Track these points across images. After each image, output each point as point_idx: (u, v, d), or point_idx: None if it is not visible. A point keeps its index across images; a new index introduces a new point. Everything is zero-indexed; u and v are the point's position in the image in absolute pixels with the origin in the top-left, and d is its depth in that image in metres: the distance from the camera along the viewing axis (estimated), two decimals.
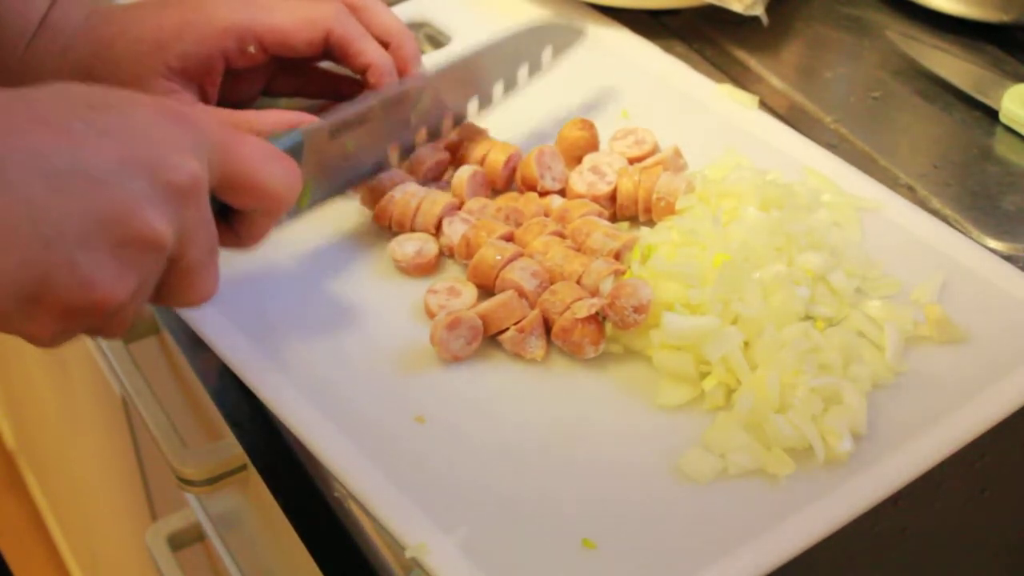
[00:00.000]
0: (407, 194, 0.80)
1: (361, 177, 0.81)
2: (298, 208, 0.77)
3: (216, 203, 0.66)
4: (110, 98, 0.62)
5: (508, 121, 0.90)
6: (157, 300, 0.66)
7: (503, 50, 0.85)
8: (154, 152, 0.61)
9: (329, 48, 0.82)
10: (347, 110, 0.77)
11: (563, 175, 0.83)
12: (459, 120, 0.85)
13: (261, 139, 0.68)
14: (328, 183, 0.79)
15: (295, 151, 0.74)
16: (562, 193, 0.83)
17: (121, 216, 0.59)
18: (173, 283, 0.65)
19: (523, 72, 0.87)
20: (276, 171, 0.67)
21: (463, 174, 0.82)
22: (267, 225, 0.70)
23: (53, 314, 0.59)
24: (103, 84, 0.77)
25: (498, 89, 0.86)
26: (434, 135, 0.83)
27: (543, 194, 0.83)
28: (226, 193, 0.66)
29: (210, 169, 0.64)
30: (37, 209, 0.57)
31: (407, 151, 0.82)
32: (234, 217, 0.69)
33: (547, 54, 0.88)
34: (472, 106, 0.85)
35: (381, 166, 0.81)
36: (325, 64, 0.89)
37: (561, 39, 0.90)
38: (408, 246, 0.79)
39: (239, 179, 0.66)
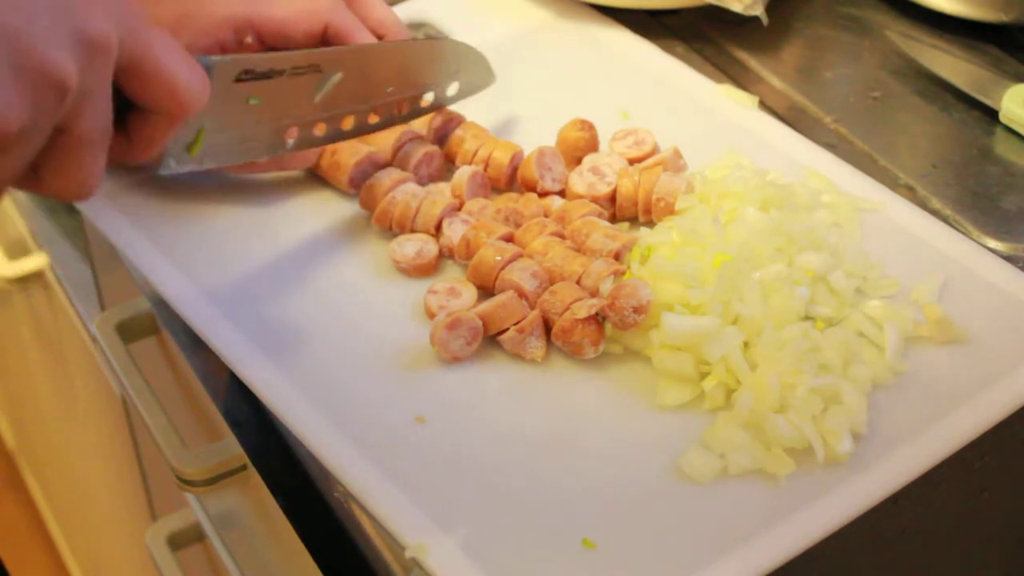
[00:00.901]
0: (408, 195, 0.80)
1: (255, 153, 0.79)
2: (188, 155, 0.73)
3: (114, 100, 0.63)
4: None
5: (508, 121, 0.90)
6: (37, 183, 0.63)
7: (418, 57, 0.83)
8: (70, 1, 0.59)
9: (326, 40, 0.82)
10: (256, 57, 0.75)
11: (563, 176, 0.83)
12: (360, 126, 0.83)
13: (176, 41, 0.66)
14: (223, 140, 0.76)
15: None
16: (562, 194, 0.83)
17: (26, 43, 0.57)
18: (59, 157, 0.62)
19: (428, 96, 0.85)
20: (187, 70, 0.64)
21: (463, 175, 0.82)
22: (163, 131, 0.66)
23: None
24: None
25: (403, 105, 0.84)
26: (334, 134, 0.81)
27: (543, 195, 0.83)
28: (131, 78, 0.63)
29: (121, 46, 0.61)
30: None
31: (304, 139, 0.80)
32: (129, 120, 0.66)
33: (453, 88, 0.86)
34: (373, 116, 0.83)
35: (276, 147, 0.79)
36: None
37: (473, 76, 0.88)
38: (408, 247, 0.79)
39: (149, 65, 0.63)
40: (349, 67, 0.79)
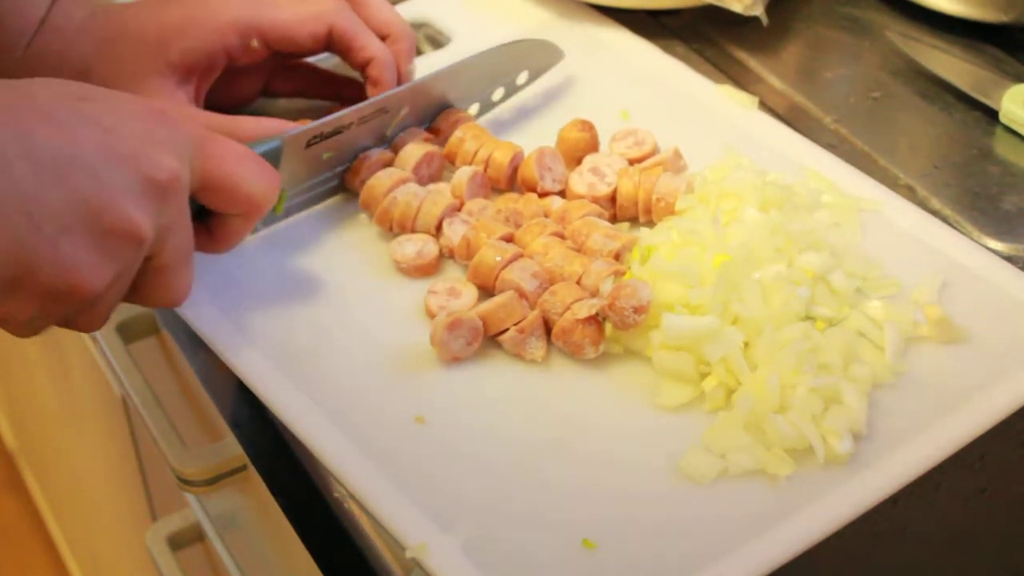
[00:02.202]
0: (408, 195, 0.80)
1: (336, 189, 0.83)
2: (273, 215, 0.78)
3: (193, 205, 0.67)
4: (97, 92, 0.63)
5: (508, 121, 0.90)
6: (134, 298, 0.66)
7: (478, 67, 0.87)
8: (137, 147, 0.61)
9: (331, 43, 0.82)
10: (324, 122, 0.79)
11: (563, 176, 0.83)
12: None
13: (240, 143, 0.69)
14: (303, 192, 0.80)
15: (273, 157, 0.75)
16: (562, 194, 0.83)
17: (103, 206, 0.59)
18: (149, 281, 0.65)
19: (499, 93, 0.89)
20: (254, 174, 0.68)
21: (463, 175, 0.82)
22: (243, 229, 0.71)
23: (31, 297, 0.60)
24: (102, 83, 0.77)
25: (474, 108, 0.88)
26: None
27: (543, 195, 0.83)
28: (204, 194, 0.67)
29: (190, 170, 0.65)
30: (24, 192, 0.58)
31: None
32: (211, 220, 0.70)
33: (523, 77, 0.90)
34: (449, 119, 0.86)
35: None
36: (325, 64, 0.89)
37: (538, 60, 0.91)
38: (408, 247, 0.79)
39: (218, 181, 0.67)
40: (413, 99, 0.83)
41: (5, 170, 0.57)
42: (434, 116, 0.86)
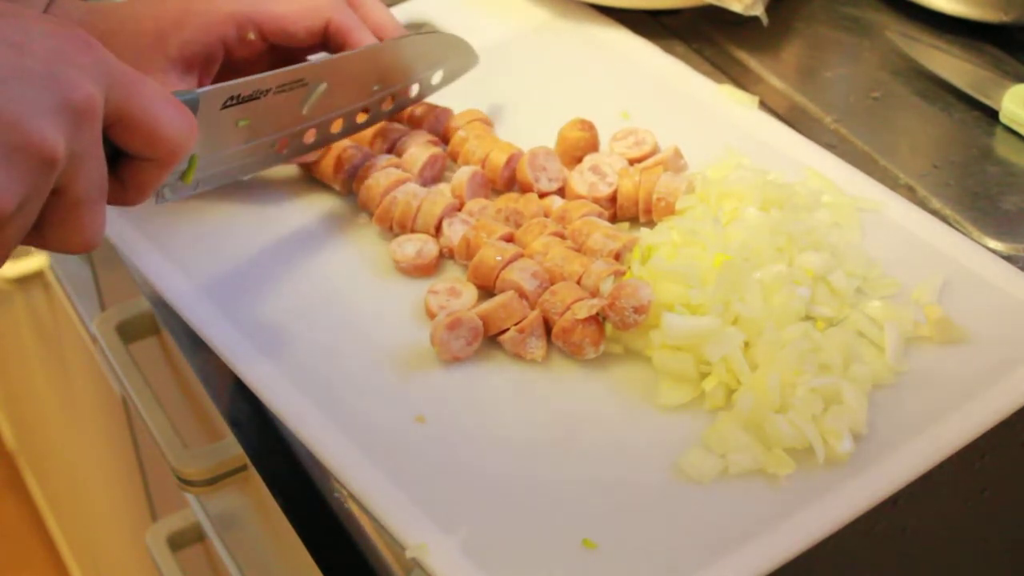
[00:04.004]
0: (408, 195, 0.80)
1: (249, 169, 0.80)
2: (183, 183, 0.75)
3: (106, 149, 0.64)
4: (10, 9, 0.60)
5: (508, 122, 0.90)
6: (40, 240, 0.63)
7: (400, 53, 0.84)
8: (52, 67, 0.59)
9: (328, 38, 0.82)
10: (239, 82, 0.76)
11: (560, 175, 0.83)
12: (349, 127, 0.84)
13: (159, 84, 0.66)
14: (215, 163, 0.77)
15: (189, 108, 0.71)
16: (560, 193, 0.83)
17: (12, 121, 0.57)
18: (59, 218, 0.62)
19: (414, 89, 0.87)
20: (173, 115, 0.65)
21: (463, 175, 0.82)
22: (156, 177, 0.67)
23: None
24: None
25: (386, 103, 0.86)
26: (324, 138, 0.83)
27: (543, 195, 0.83)
28: (120, 130, 0.64)
29: (106, 101, 0.62)
30: None
31: (296, 148, 0.81)
32: (121, 168, 0.66)
33: (438, 76, 0.88)
34: (362, 116, 0.84)
35: (269, 160, 0.81)
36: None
37: (454, 61, 0.89)
38: (408, 247, 0.79)
39: (135, 116, 0.63)
40: (332, 76, 0.80)
41: None
42: (360, 102, 0.83)
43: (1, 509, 2.06)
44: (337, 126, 0.83)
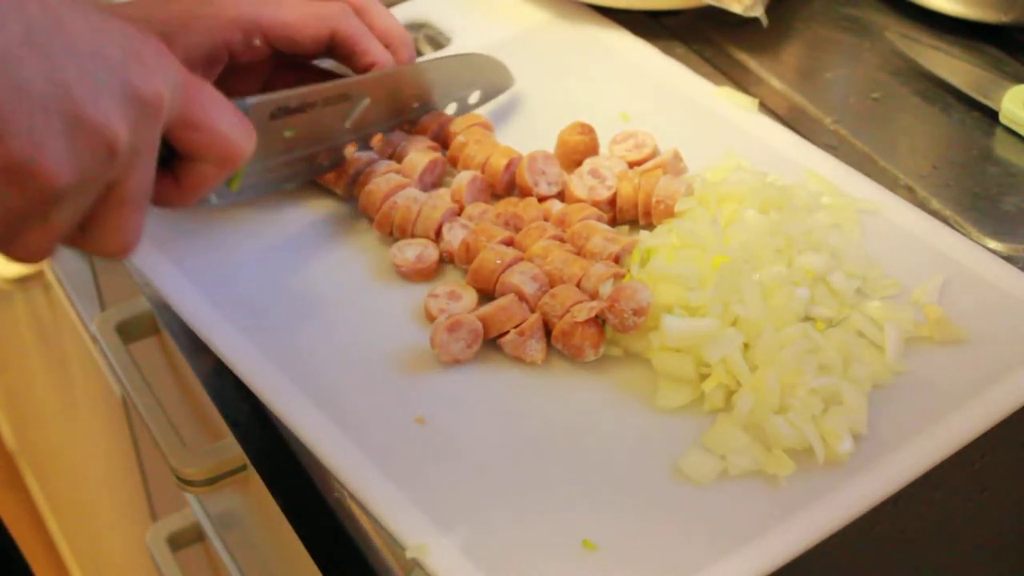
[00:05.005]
0: (408, 200, 0.80)
1: (292, 179, 0.82)
2: (228, 189, 0.77)
3: (161, 150, 0.65)
4: (99, 3, 0.61)
5: (508, 124, 0.90)
6: (81, 239, 0.64)
7: (443, 72, 0.87)
8: (126, 58, 0.60)
9: (334, 46, 0.82)
10: (289, 94, 0.78)
11: (559, 178, 0.83)
12: (389, 142, 0.86)
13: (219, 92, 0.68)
14: (260, 172, 0.79)
15: None
16: (560, 197, 0.83)
17: (85, 99, 0.58)
18: (103, 216, 0.63)
19: (451, 107, 0.89)
20: (234, 120, 0.67)
21: (463, 179, 0.82)
22: (212, 178, 0.68)
23: None
24: None
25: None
26: (364, 150, 0.85)
27: (542, 199, 0.83)
28: (182, 132, 0.65)
29: (171, 101, 0.63)
30: (10, 54, 0.55)
31: (337, 162, 0.83)
32: (177, 167, 0.67)
33: (475, 96, 0.90)
34: (399, 131, 0.86)
35: (312, 171, 0.83)
36: (325, 64, 0.89)
37: (492, 81, 0.91)
38: (408, 251, 0.79)
39: (199, 120, 0.65)
40: (376, 91, 0.82)
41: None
42: (398, 118, 0.86)
43: (1, 509, 2.06)
44: (377, 141, 0.85)
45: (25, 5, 0.57)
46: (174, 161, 0.67)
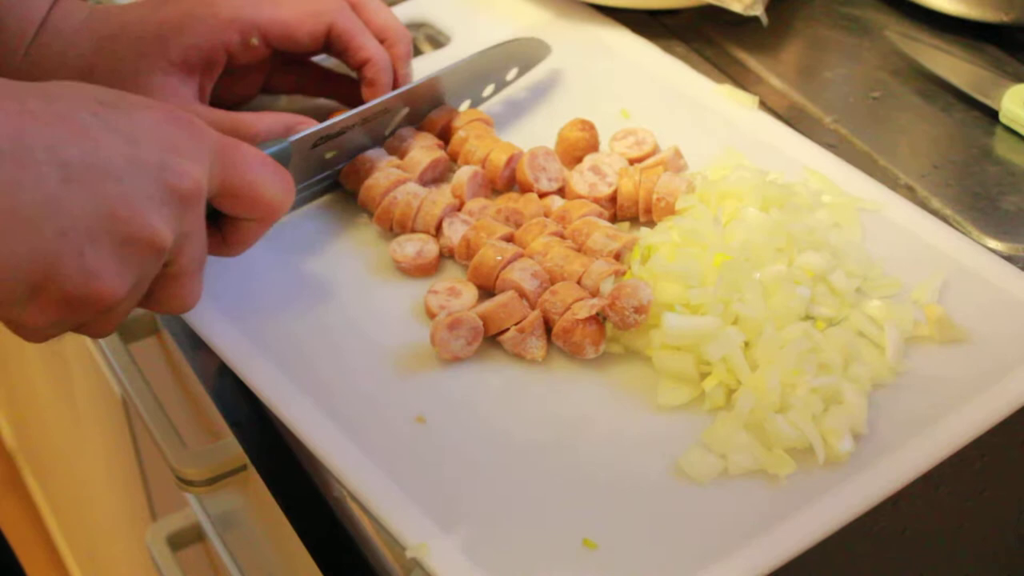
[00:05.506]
0: (408, 195, 0.80)
1: (331, 187, 0.84)
2: None
3: (207, 208, 0.67)
4: (116, 97, 0.63)
5: (508, 122, 0.90)
6: (144, 304, 0.67)
7: (473, 68, 0.88)
8: (161, 155, 0.62)
9: (330, 42, 0.82)
10: (331, 123, 0.79)
11: (559, 174, 0.83)
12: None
13: (255, 148, 0.69)
14: (304, 191, 0.81)
15: (283, 159, 0.76)
16: (560, 193, 0.83)
17: (128, 215, 0.60)
18: (162, 287, 0.66)
19: (489, 89, 0.90)
20: (273, 181, 0.69)
21: (463, 175, 0.82)
22: (257, 233, 0.72)
23: (52, 304, 0.60)
24: (104, 82, 0.77)
25: (464, 105, 0.89)
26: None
27: (542, 195, 0.83)
28: (224, 201, 0.68)
29: (210, 178, 0.65)
30: (52, 199, 0.58)
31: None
32: (223, 224, 0.70)
33: (513, 72, 0.91)
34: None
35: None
36: (328, 63, 0.89)
37: (528, 57, 0.92)
38: (408, 247, 0.79)
39: (238, 188, 0.67)
40: (415, 100, 0.84)
41: (37, 179, 0.58)
42: (426, 113, 0.87)
43: (1, 509, 2.06)
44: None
45: (60, 141, 0.59)
46: (220, 219, 0.70)
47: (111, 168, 0.60)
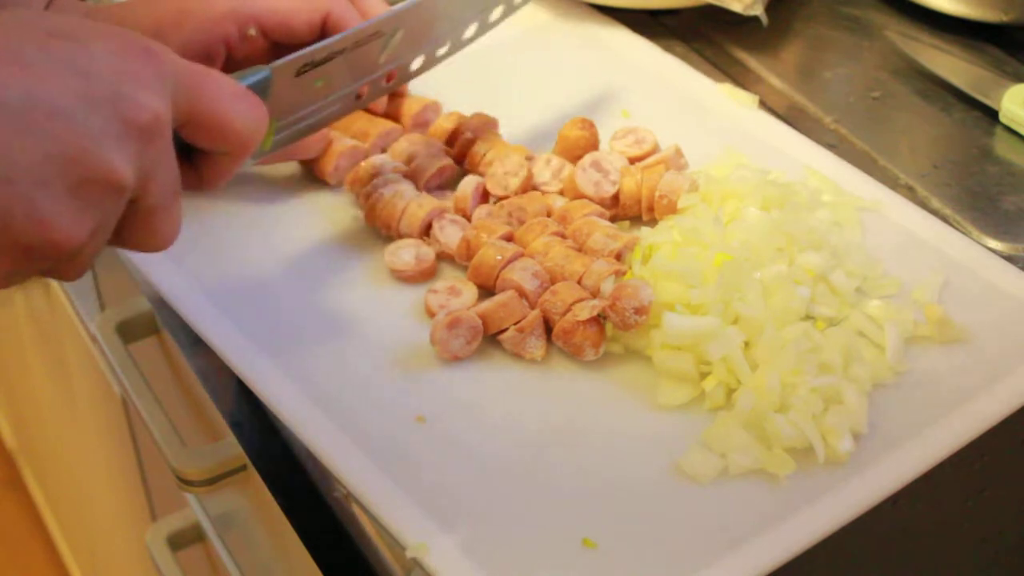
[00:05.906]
0: (395, 195, 0.80)
1: (328, 118, 0.79)
2: (261, 149, 0.75)
3: (179, 141, 0.64)
4: (70, 27, 0.59)
5: (509, 121, 0.90)
6: (118, 243, 0.64)
7: None
8: (116, 87, 0.58)
9: (326, 31, 0.82)
10: (315, 48, 0.75)
11: (562, 172, 0.83)
12: (429, 62, 0.83)
13: (227, 76, 0.66)
14: (293, 123, 0.77)
15: (261, 88, 0.72)
16: (563, 193, 0.83)
17: (80, 155, 0.57)
18: (133, 225, 0.63)
19: (472, 29, 0.85)
20: (242, 110, 0.65)
21: (467, 187, 0.82)
22: (231, 166, 0.68)
23: (6, 254, 0.57)
24: None
25: (443, 49, 0.84)
26: (403, 77, 0.82)
27: (545, 193, 0.83)
28: (190, 132, 0.64)
29: (174, 106, 0.62)
30: None
31: (377, 91, 0.81)
32: (197, 157, 0.67)
33: (497, 12, 0.86)
34: (440, 50, 0.83)
35: (348, 108, 0.80)
36: None
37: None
38: (404, 254, 0.79)
39: (204, 118, 0.64)
40: (408, 23, 0.79)
41: None
42: (428, 46, 0.83)
43: (1, 509, 2.06)
44: (417, 62, 0.82)
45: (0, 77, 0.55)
46: (193, 153, 0.66)
47: (59, 105, 0.56)
